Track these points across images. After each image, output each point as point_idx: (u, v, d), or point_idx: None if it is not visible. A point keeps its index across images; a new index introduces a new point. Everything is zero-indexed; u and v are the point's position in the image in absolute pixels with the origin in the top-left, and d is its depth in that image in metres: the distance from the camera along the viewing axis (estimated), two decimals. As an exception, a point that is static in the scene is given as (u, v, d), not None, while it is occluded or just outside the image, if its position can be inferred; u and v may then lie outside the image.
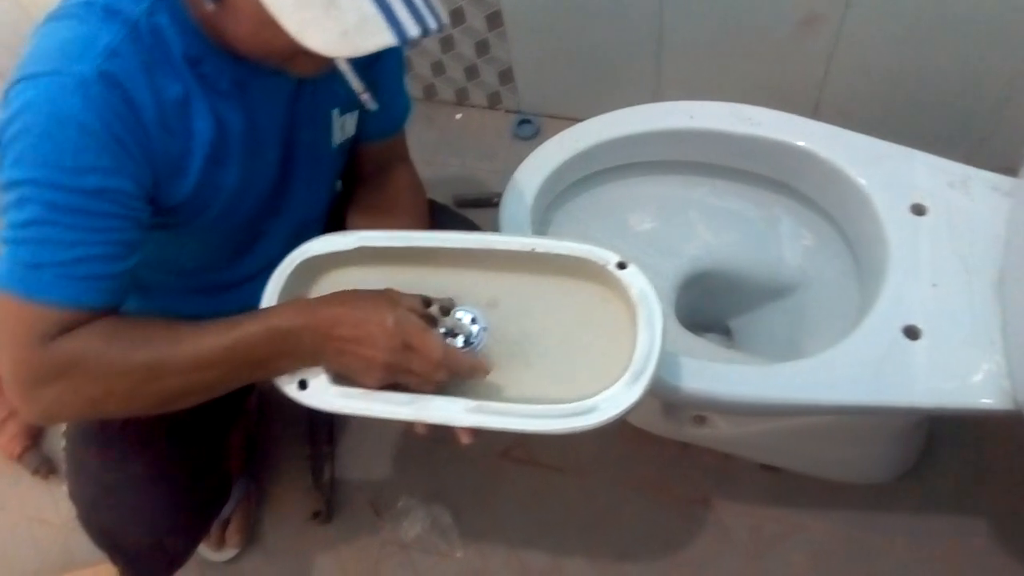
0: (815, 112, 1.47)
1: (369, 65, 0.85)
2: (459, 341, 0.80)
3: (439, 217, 1.08)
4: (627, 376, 0.74)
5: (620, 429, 1.33)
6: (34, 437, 1.51)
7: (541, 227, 1.09)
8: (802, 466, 1.24)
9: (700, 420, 1.24)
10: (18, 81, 0.69)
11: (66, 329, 0.70)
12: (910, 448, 1.22)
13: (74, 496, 0.99)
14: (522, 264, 0.83)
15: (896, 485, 1.23)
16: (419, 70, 1.73)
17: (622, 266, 0.78)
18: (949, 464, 1.24)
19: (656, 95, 1.56)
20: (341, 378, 0.78)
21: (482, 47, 1.61)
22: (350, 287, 0.79)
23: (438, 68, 1.71)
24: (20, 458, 1.48)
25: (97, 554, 1.38)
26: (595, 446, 1.35)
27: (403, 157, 1.06)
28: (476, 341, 0.80)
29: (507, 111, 1.77)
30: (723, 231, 1.15)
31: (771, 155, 1.06)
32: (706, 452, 1.29)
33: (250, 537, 1.34)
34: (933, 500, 1.22)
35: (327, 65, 0.72)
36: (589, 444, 1.35)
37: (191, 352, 0.73)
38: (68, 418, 0.94)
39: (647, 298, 0.76)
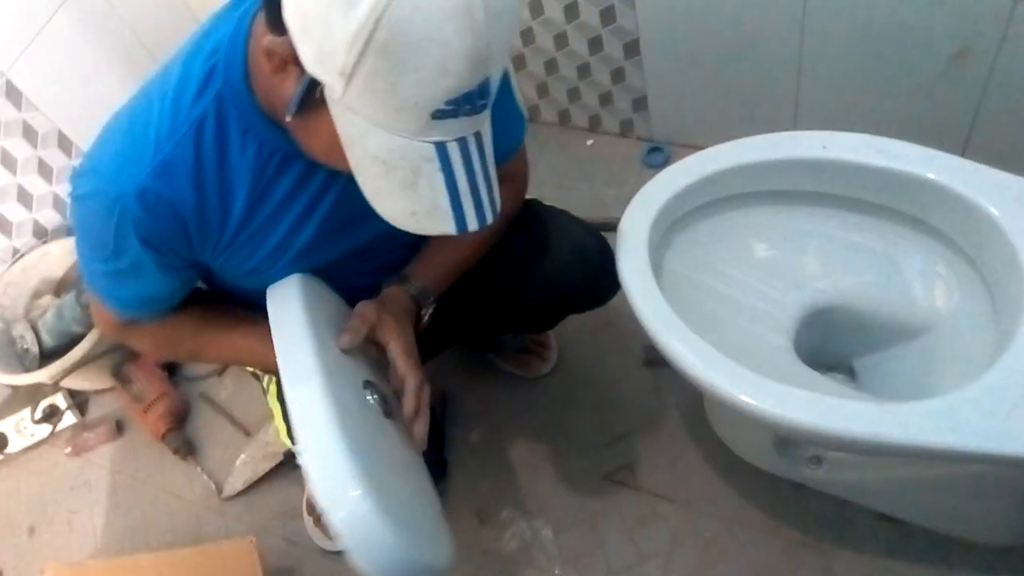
0: (963, 151, 1.40)
1: None
2: None
3: (547, 218, 1.13)
4: None
5: (733, 464, 1.30)
6: (179, 419, 1.64)
7: (659, 250, 1.09)
8: (924, 519, 1.17)
9: (816, 461, 1.20)
10: (82, 174, 0.83)
11: (131, 322, 0.96)
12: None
13: None
14: None
15: (1029, 551, 1.15)
16: (555, 95, 1.78)
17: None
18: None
19: (793, 127, 1.54)
20: None
21: (618, 75, 1.64)
22: None
23: (574, 95, 1.75)
24: (164, 437, 1.61)
25: (224, 528, 1.50)
26: (705, 478, 1.33)
27: (509, 177, 1.05)
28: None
29: (638, 139, 1.78)
30: (851, 265, 1.11)
31: (907, 189, 1.02)
32: (822, 496, 1.24)
33: (361, 531, 1.40)
34: (1071, 571, 1.12)
35: None
36: (699, 476, 1.33)
37: (210, 353, 1.03)
38: None
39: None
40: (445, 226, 0.71)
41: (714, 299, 1.13)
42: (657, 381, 1.45)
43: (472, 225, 0.72)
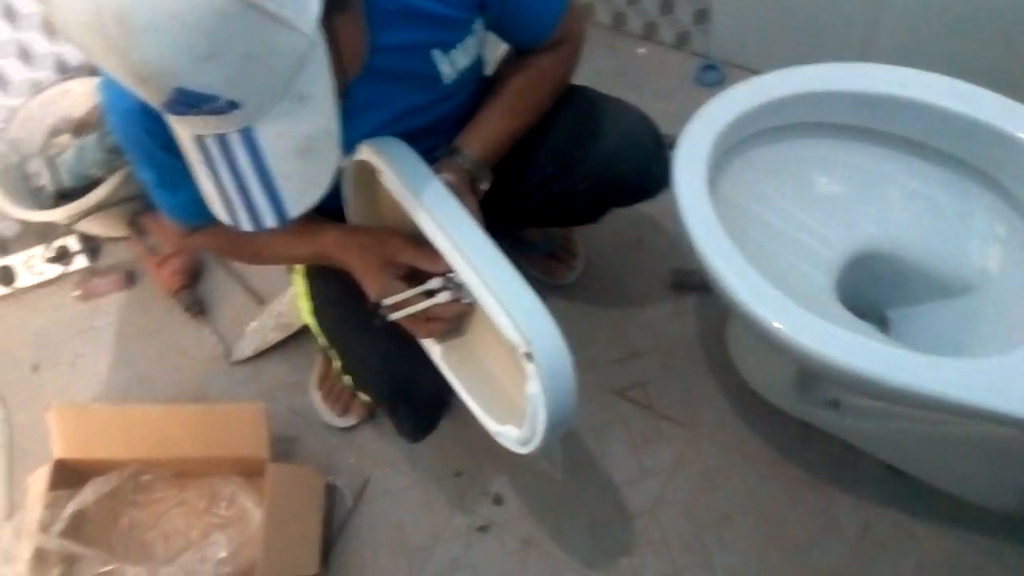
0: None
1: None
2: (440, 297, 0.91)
3: (598, 104, 1.09)
4: (518, 436, 0.88)
5: (746, 398, 1.30)
6: (193, 277, 1.62)
7: (716, 172, 1.05)
8: (931, 476, 1.18)
9: (834, 404, 1.19)
10: (102, 85, 0.84)
11: (193, 229, 1.00)
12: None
13: (362, 355, 1.08)
14: None
15: (1029, 519, 1.16)
16: (614, -5, 1.69)
17: (528, 357, 0.78)
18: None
19: (861, 60, 1.47)
20: None
21: (685, -19, 1.56)
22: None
23: (634, -3, 1.67)
24: (176, 294, 1.60)
25: (229, 391, 1.50)
26: (716, 407, 1.33)
27: (560, 41, 1.02)
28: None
29: (693, 54, 1.71)
30: (909, 214, 1.08)
31: (984, 142, 0.98)
32: (830, 439, 1.24)
33: (372, 412, 1.41)
34: (1067, 544, 1.14)
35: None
36: (711, 404, 1.33)
37: (271, 255, 1.06)
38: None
39: (533, 400, 0.80)
40: (222, 214, 0.73)
41: (763, 229, 1.10)
42: (681, 305, 1.43)
43: (245, 226, 0.71)
